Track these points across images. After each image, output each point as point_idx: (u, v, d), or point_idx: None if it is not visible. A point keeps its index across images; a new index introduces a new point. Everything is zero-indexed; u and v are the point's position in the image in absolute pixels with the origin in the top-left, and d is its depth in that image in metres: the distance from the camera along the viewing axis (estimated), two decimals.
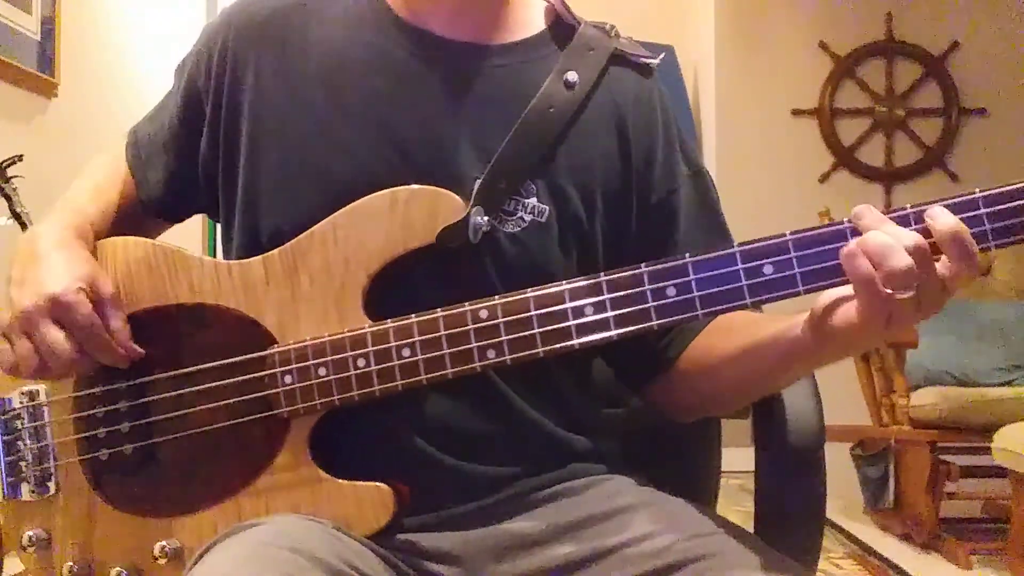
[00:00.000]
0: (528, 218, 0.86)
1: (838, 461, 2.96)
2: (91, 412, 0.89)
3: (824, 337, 0.74)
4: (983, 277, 3.49)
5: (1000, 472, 2.51)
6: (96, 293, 0.85)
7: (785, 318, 0.80)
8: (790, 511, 0.93)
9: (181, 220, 1.03)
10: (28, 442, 0.91)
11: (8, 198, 2.32)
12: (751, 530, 0.90)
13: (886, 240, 0.68)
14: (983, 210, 0.70)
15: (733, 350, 0.85)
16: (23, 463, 0.91)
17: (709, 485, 1.10)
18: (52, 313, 0.82)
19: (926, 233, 0.70)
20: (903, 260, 0.68)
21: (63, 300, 0.82)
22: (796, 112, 4.36)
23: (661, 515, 0.83)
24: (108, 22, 3.23)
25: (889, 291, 0.68)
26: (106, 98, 3.11)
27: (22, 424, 0.92)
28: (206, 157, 0.93)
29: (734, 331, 0.86)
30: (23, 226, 2.30)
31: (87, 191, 0.96)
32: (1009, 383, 3.04)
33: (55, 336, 0.82)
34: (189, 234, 1.04)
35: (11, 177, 2.33)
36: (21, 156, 2.36)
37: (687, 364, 0.91)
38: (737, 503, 2.72)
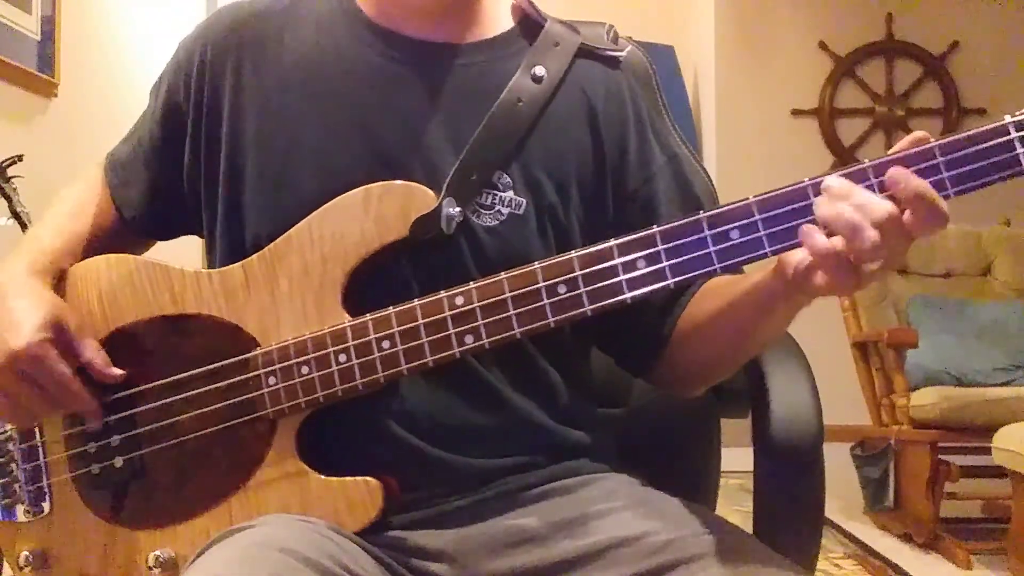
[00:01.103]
0: (505, 211, 0.87)
1: (838, 461, 2.96)
2: (81, 428, 0.89)
3: (798, 291, 0.76)
4: (983, 277, 3.50)
5: (1000, 472, 2.51)
6: (60, 333, 0.86)
7: (761, 270, 0.81)
8: (789, 511, 0.93)
9: (167, 238, 1.03)
10: (21, 463, 0.92)
11: (8, 198, 2.32)
12: (750, 530, 0.90)
13: (853, 218, 0.69)
14: (940, 159, 0.70)
15: (716, 309, 0.87)
16: (17, 484, 0.91)
17: (708, 485, 1.11)
18: (16, 369, 0.84)
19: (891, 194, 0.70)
20: (871, 237, 0.68)
21: (26, 355, 0.83)
22: (796, 112, 4.37)
23: (658, 514, 0.83)
24: (108, 22, 3.23)
25: (856, 262, 0.70)
26: (106, 98, 3.11)
27: (15, 445, 0.92)
28: (188, 169, 0.94)
29: (715, 291, 0.87)
30: (23, 226, 2.30)
31: (52, 224, 0.96)
32: (1009, 383, 3.04)
33: (21, 391, 0.84)
34: (187, 251, 1.04)
35: (11, 177, 2.34)
36: (21, 156, 2.36)
37: (681, 335, 0.91)
38: (736, 503, 2.72)
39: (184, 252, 0.95)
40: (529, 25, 0.94)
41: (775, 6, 4.38)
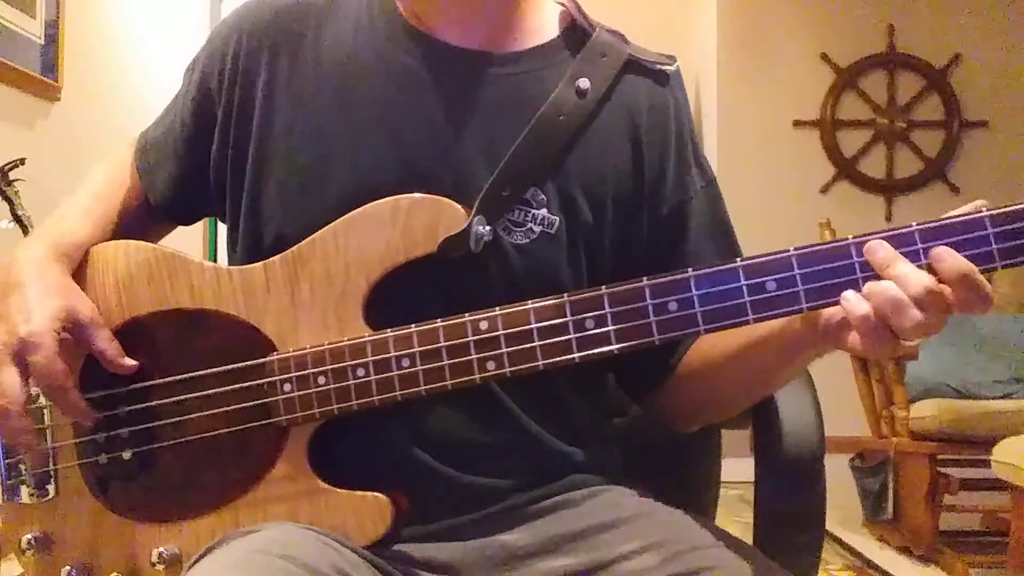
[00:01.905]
0: (537, 229, 0.85)
1: (837, 472, 2.95)
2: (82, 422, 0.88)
3: (828, 344, 0.75)
4: None
5: (1000, 485, 2.50)
6: (72, 323, 0.84)
7: None
8: (789, 522, 0.93)
9: (192, 222, 1.02)
10: None
11: (10, 201, 2.32)
12: (750, 541, 0.89)
13: (896, 296, 0.68)
14: (990, 230, 0.69)
15: (732, 349, 0.85)
16: (22, 466, 0.91)
17: (709, 495, 1.10)
18: (18, 355, 0.82)
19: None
20: (913, 318, 0.67)
21: (29, 342, 0.82)
22: (798, 123, 4.37)
23: (660, 527, 0.83)
24: (111, 26, 3.24)
25: (896, 336, 0.69)
26: (109, 102, 3.11)
27: None
28: (216, 160, 0.92)
29: (735, 331, 0.85)
30: (24, 230, 2.30)
31: (79, 205, 0.95)
32: (1009, 396, 3.03)
33: (12, 381, 0.82)
34: (191, 238, 1.04)
35: (13, 180, 2.34)
36: (23, 160, 2.36)
37: (686, 369, 0.90)
38: (736, 514, 2.71)
39: (186, 248, 0.93)
40: (576, 34, 0.91)
41: (777, 17, 4.39)
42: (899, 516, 3.02)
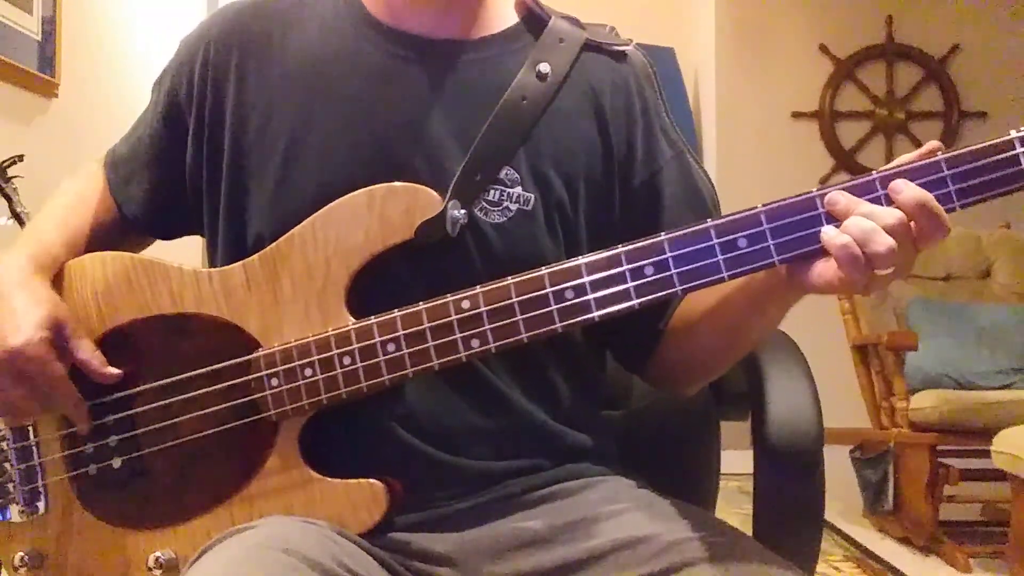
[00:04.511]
0: (514, 207, 0.86)
1: (837, 463, 2.96)
2: (78, 428, 0.88)
3: (799, 288, 0.76)
4: (983, 280, 3.49)
5: (1000, 475, 2.50)
6: (59, 332, 0.86)
7: None
8: (789, 514, 0.93)
9: (169, 237, 1.02)
10: (15, 462, 0.91)
11: (8, 198, 2.32)
12: (750, 532, 0.90)
13: (867, 225, 0.70)
14: (946, 172, 0.71)
15: (709, 305, 0.87)
16: (11, 484, 0.91)
17: (708, 487, 1.11)
18: (13, 367, 0.83)
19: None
20: (885, 243, 0.70)
21: (25, 353, 0.83)
22: (796, 114, 4.37)
23: (660, 517, 0.83)
24: (109, 22, 3.23)
25: (869, 266, 0.71)
26: (106, 99, 3.11)
27: (8, 445, 0.91)
28: (191, 168, 0.94)
29: (709, 288, 0.86)
30: (23, 227, 2.30)
31: (53, 218, 0.96)
32: (1008, 386, 3.03)
33: (15, 389, 0.84)
34: (188, 250, 1.04)
35: (11, 177, 2.33)
36: (21, 156, 2.35)
37: (674, 331, 0.92)
38: (736, 505, 2.71)
39: (184, 252, 0.94)
40: (533, 21, 0.94)
41: (775, 9, 4.38)
42: (899, 507, 3.02)
